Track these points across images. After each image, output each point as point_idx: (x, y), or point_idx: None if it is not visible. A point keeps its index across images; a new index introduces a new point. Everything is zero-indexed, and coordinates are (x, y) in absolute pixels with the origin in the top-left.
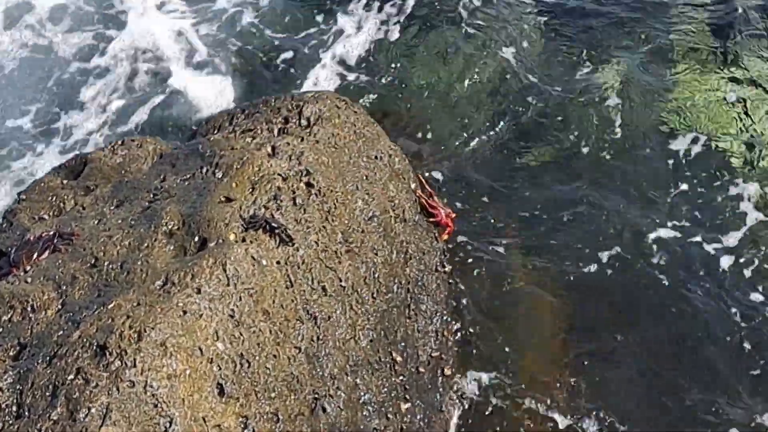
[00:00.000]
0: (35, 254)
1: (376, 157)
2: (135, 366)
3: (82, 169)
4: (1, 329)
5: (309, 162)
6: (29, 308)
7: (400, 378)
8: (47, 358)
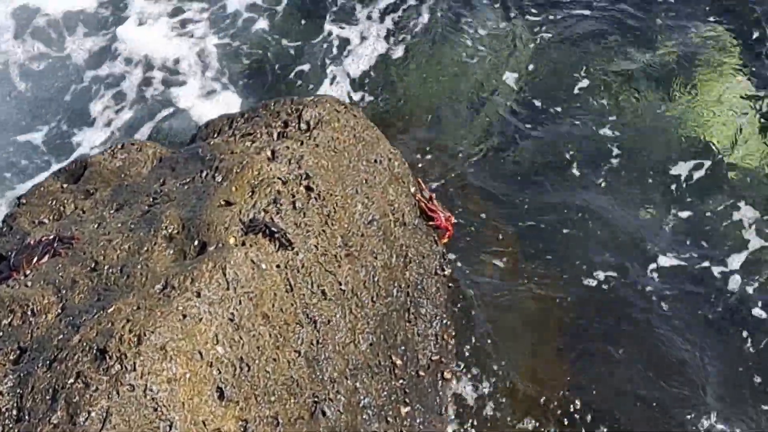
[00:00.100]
0: (35, 258)
1: (375, 161)
2: (135, 370)
3: (82, 173)
4: (2, 333)
5: (308, 166)
6: (29, 312)
7: (400, 382)
8: (47, 362)
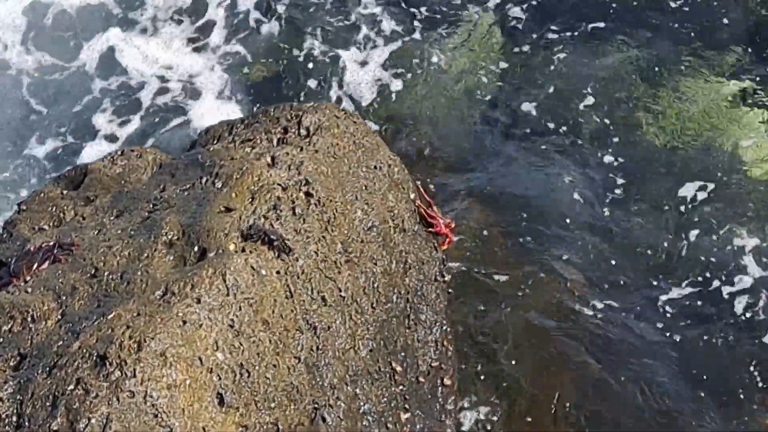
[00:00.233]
0: (35, 264)
1: (375, 167)
2: (135, 376)
3: (82, 180)
4: (1, 339)
5: (308, 172)
6: (29, 318)
7: (400, 388)
8: (47, 369)
